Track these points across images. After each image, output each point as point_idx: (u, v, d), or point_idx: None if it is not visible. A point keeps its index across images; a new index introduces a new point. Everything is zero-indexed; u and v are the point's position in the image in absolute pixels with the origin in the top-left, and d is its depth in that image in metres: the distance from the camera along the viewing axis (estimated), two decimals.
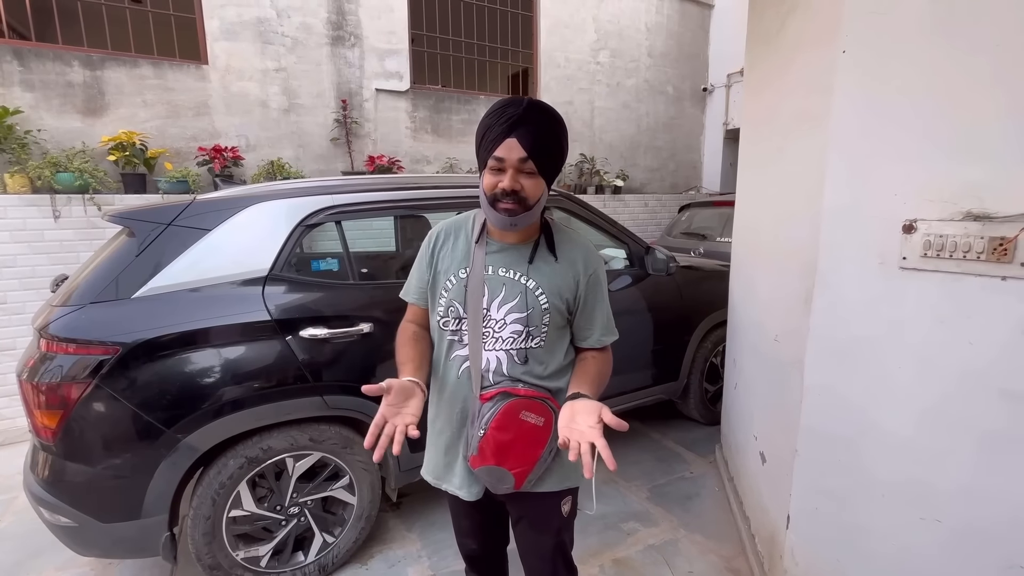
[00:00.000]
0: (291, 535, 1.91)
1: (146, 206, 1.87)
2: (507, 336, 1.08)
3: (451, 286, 1.12)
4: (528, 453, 1.08)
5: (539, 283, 1.09)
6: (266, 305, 1.79)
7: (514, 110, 0.98)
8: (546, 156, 1.01)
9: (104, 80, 3.80)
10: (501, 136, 0.98)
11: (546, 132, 1.00)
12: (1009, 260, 1.09)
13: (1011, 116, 1.08)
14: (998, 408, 1.15)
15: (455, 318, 1.11)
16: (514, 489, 1.10)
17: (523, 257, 1.11)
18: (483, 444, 1.06)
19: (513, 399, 1.07)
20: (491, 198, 1.02)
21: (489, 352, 1.10)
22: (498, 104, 1.01)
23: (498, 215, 1.03)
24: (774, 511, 1.78)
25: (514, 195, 1.00)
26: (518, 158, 0.98)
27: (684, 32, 6.95)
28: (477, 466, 1.09)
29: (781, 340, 1.79)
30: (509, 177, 0.99)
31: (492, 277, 1.10)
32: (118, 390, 1.58)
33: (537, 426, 1.08)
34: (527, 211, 1.03)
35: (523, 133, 0.97)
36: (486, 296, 1.09)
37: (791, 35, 1.79)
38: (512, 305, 1.08)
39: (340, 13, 4.59)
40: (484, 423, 1.06)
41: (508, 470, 1.07)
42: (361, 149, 4.76)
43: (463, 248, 1.14)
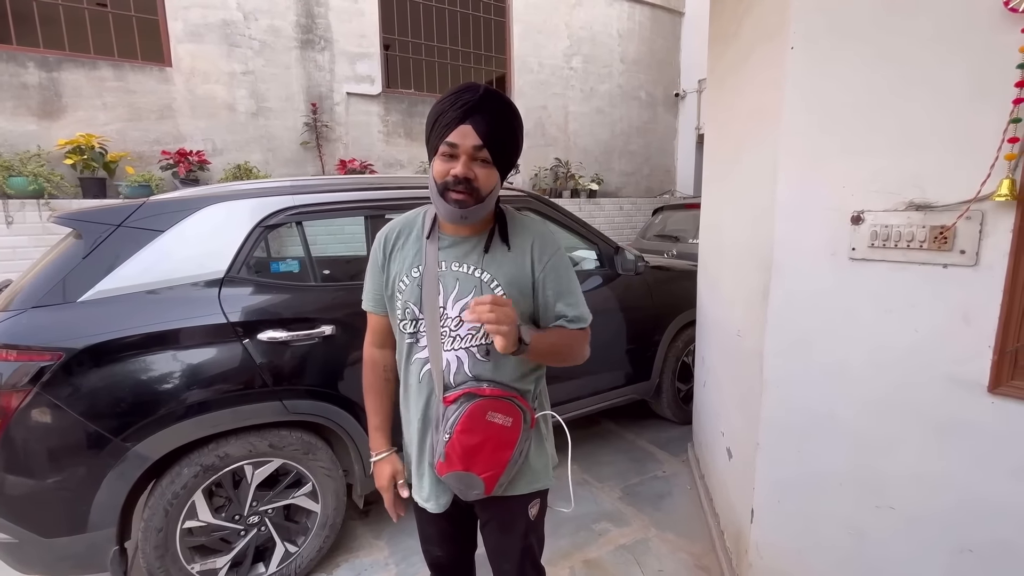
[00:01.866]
0: (251, 545, 1.84)
1: (95, 207, 1.81)
2: (464, 334, 1.04)
3: (404, 287, 1.07)
4: (497, 456, 1.03)
5: (493, 274, 1.04)
6: (222, 307, 1.74)
7: (470, 96, 0.93)
8: (501, 145, 0.97)
9: (61, 82, 3.68)
10: (455, 122, 0.93)
11: (502, 121, 0.97)
12: (949, 248, 1.12)
13: (946, 109, 1.11)
14: (944, 394, 1.18)
15: (412, 319, 1.07)
16: (484, 495, 1.06)
17: (476, 249, 1.06)
18: (449, 449, 1.01)
19: (478, 400, 1.02)
20: (441, 186, 0.97)
21: (448, 352, 1.05)
22: (452, 90, 0.96)
23: (448, 207, 0.97)
24: (740, 506, 1.79)
25: (466, 183, 0.95)
26: (472, 145, 0.94)
27: (656, 39, 7.08)
28: (444, 472, 1.04)
29: (743, 335, 1.81)
30: (462, 164, 0.94)
31: (445, 273, 1.05)
32: (61, 398, 1.51)
33: (505, 427, 1.03)
34: (479, 203, 0.98)
35: (478, 120, 0.93)
36: (441, 294, 1.04)
37: (746, 35, 1.82)
38: (467, 300, 1.02)
39: (309, 16, 4.55)
40: (449, 427, 1.01)
41: (477, 475, 1.03)
42: (332, 153, 4.71)
43: (414, 246, 1.09)
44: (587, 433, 3.16)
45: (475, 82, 0.99)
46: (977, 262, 1.09)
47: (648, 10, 6.94)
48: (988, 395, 1.11)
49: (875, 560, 1.36)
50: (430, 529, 1.26)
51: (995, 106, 1.03)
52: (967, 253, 1.10)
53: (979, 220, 1.08)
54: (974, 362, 1.12)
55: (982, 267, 1.09)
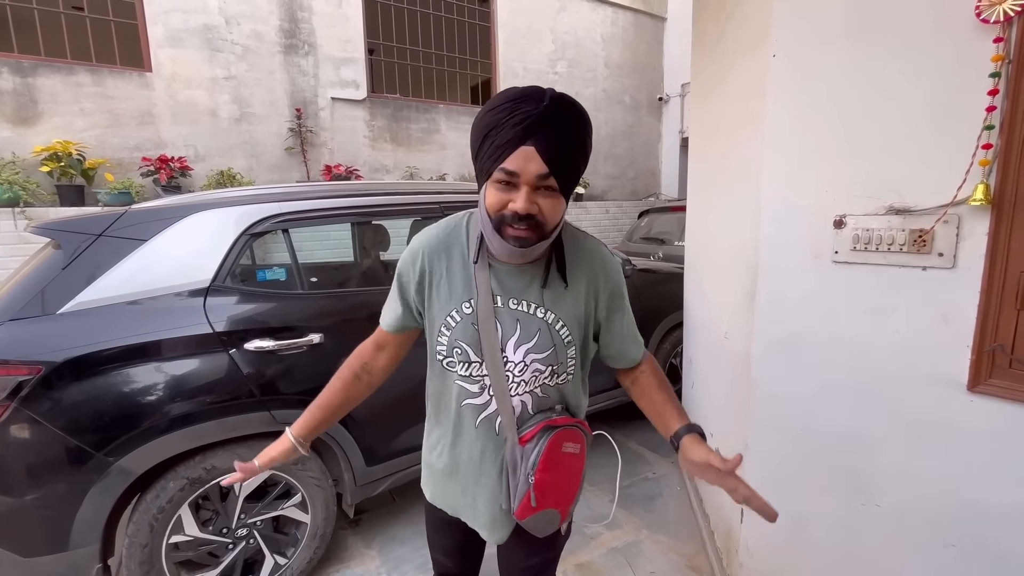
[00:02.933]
0: (239, 559, 1.81)
1: (75, 216, 1.77)
2: (529, 378, 0.92)
3: (454, 324, 0.91)
4: (571, 486, 0.98)
5: (558, 314, 0.90)
6: (207, 317, 1.71)
7: (532, 108, 0.74)
8: (572, 169, 0.79)
9: (37, 87, 3.60)
10: (515, 141, 0.74)
11: (572, 138, 0.78)
12: (928, 251, 1.15)
13: (923, 115, 1.14)
14: (924, 393, 1.21)
15: (463, 362, 0.92)
16: (559, 523, 0.99)
17: (535, 283, 0.90)
18: (536, 491, 0.91)
19: (555, 432, 0.92)
20: (497, 220, 0.80)
21: (513, 398, 0.93)
22: (508, 96, 0.77)
23: (506, 244, 0.81)
24: (730, 506, 1.81)
25: (529, 219, 0.78)
26: (536, 174, 0.75)
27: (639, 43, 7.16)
28: (527, 516, 0.93)
29: (730, 337, 1.84)
30: (524, 197, 0.76)
31: (503, 310, 0.89)
32: (41, 412, 1.47)
33: (575, 455, 0.96)
34: (542, 239, 0.81)
35: (543, 139, 0.74)
36: (500, 334, 0.90)
37: (730, 42, 1.85)
38: (531, 345, 0.90)
39: (293, 21, 4.51)
40: (531, 467, 0.90)
41: (555, 509, 0.96)
42: (317, 158, 4.68)
43: (460, 274, 0.91)
44: None
45: (538, 87, 0.78)
46: (955, 264, 1.12)
47: (631, 15, 7.03)
48: (967, 393, 1.14)
49: (863, 557, 1.38)
50: (445, 540, 1.18)
51: (969, 113, 1.06)
52: (945, 256, 1.13)
53: (956, 224, 1.11)
54: (953, 361, 1.15)
55: (959, 269, 1.12)
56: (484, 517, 1.01)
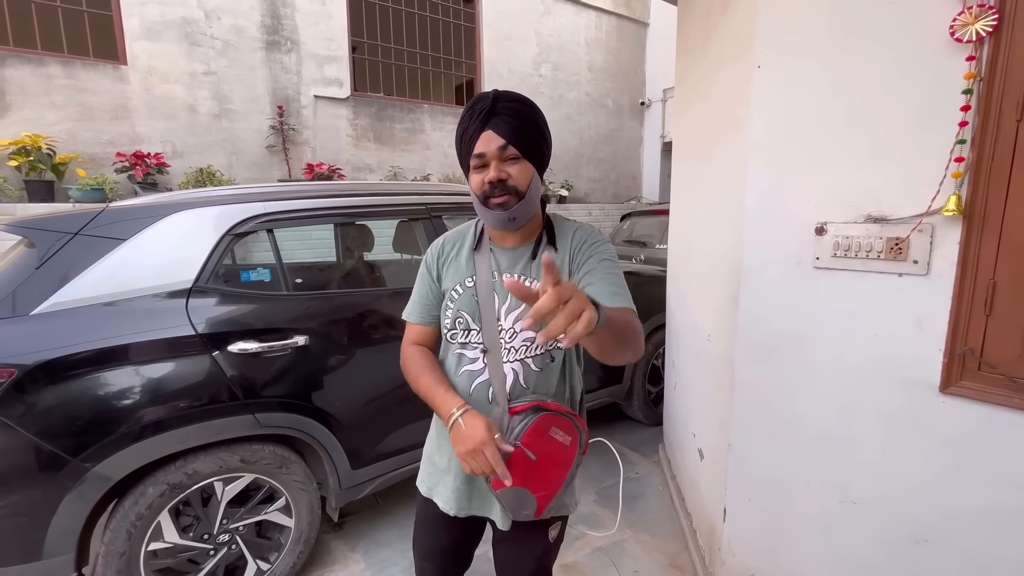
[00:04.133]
0: (221, 565, 1.78)
1: (50, 214, 1.71)
2: (519, 345, 1.02)
3: (457, 296, 1.06)
4: (554, 475, 1.00)
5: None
6: (190, 319, 1.67)
7: (483, 104, 0.95)
8: (526, 137, 0.97)
9: (5, 79, 3.47)
10: (477, 132, 0.95)
11: (520, 116, 0.96)
12: (904, 258, 1.20)
13: (900, 128, 1.19)
14: (899, 395, 1.26)
15: (464, 329, 1.05)
16: (534, 516, 1.01)
17: (526, 257, 1.05)
18: (512, 461, 0.96)
19: (545, 413, 0.99)
20: (482, 197, 0.97)
21: (505, 364, 1.02)
22: (467, 105, 0.99)
23: (493, 212, 0.97)
24: (712, 505, 1.85)
25: (502, 184, 0.95)
26: (497, 147, 0.94)
27: (622, 48, 7.25)
28: (501, 487, 0.98)
29: (713, 339, 1.88)
30: (493, 168, 0.95)
31: (498, 284, 1.03)
32: (13, 417, 1.42)
33: (564, 445, 1.00)
34: (521, 200, 0.96)
35: (497, 122, 0.94)
36: (496, 304, 1.02)
37: (714, 51, 1.90)
38: (519, 311, 1.01)
39: (275, 17, 4.44)
40: (514, 437, 0.97)
41: (532, 493, 0.98)
42: (299, 157, 4.61)
43: (466, 258, 1.08)
44: None
45: (485, 91, 0.99)
46: (928, 271, 1.17)
47: (614, 20, 7.11)
48: (939, 395, 1.20)
49: (842, 553, 1.43)
50: (432, 541, 1.21)
51: (943, 127, 1.11)
52: (919, 263, 1.18)
53: (930, 232, 1.16)
54: (927, 364, 1.21)
55: (933, 276, 1.17)
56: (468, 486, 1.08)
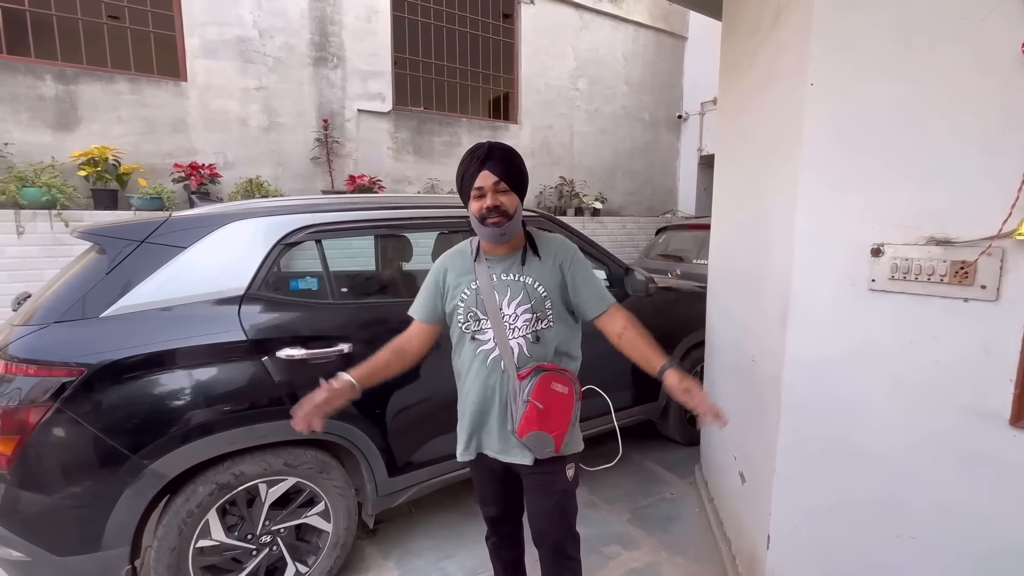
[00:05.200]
0: (262, 565, 1.83)
1: (118, 222, 1.83)
2: (521, 325, 1.34)
3: (466, 296, 1.38)
4: (562, 418, 1.32)
5: (535, 278, 1.36)
6: (242, 325, 1.75)
7: (480, 152, 1.29)
8: (513, 177, 1.32)
9: (77, 95, 3.73)
10: (476, 171, 1.29)
11: (508, 161, 1.32)
12: (970, 283, 1.14)
13: (966, 147, 1.15)
14: (965, 426, 1.19)
15: (474, 319, 1.37)
16: (554, 452, 1.33)
17: (516, 262, 1.39)
18: (528, 412, 1.28)
19: (544, 372, 1.31)
20: (480, 218, 1.30)
21: (511, 341, 1.34)
22: (467, 152, 1.33)
23: (488, 229, 1.31)
24: (754, 531, 1.79)
25: (496, 210, 1.28)
26: (492, 182, 1.28)
27: (659, 62, 7.22)
28: (525, 433, 1.29)
29: (758, 360, 1.83)
30: (490, 197, 1.29)
31: (498, 283, 1.37)
32: (81, 414, 1.51)
33: (564, 394, 1.32)
34: (509, 220, 1.31)
35: (492, 165, 1.28)
36: (497, 298, 1.34)
37: (761, 67, 1.87)
38: (519, 299, 1.35)
39: (323, 35, 4.63)
40: (526, 395, 1.29)
41: (549, 434, 1.29)
42: (342, 169, 4.76)
43: (466, 267, 1.41)
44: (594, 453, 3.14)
45: (480, 141, 1.36)
46: (998, 297, 1.11)
47: (652, 34, 7.09)
48: (1009, 428, 1.13)
49: None
50: (487, 491, 1.55)
51: (1015, 147, 1.06)
52: (988, 288, 1.12)
53: (1000, 256, 1.10)
54: (995, 395, 1.14)
55: (1003, 302, 1.11)
56: (495, 438, 1.39)
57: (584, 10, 6.37)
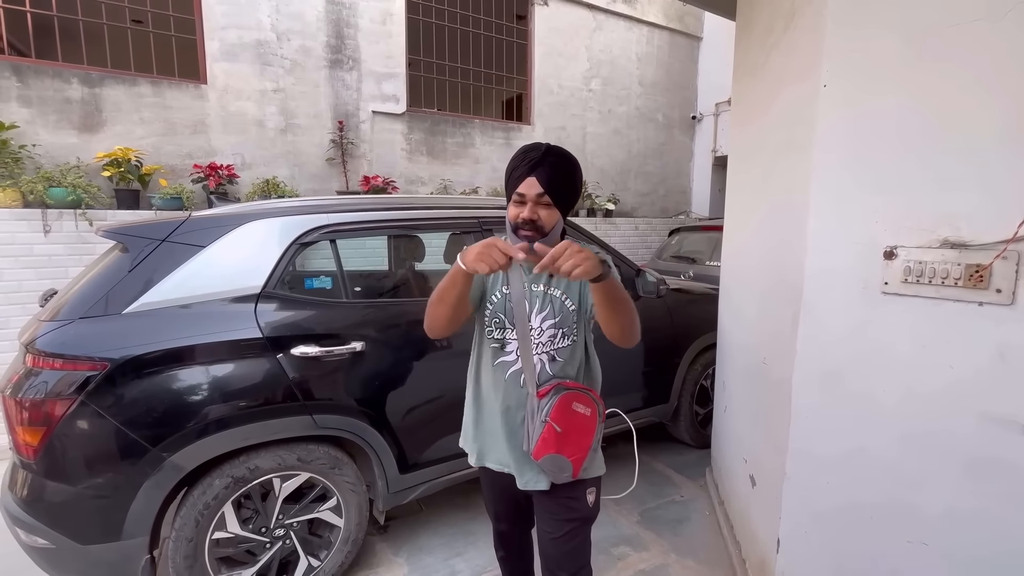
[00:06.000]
0: (275, 558, 1.86)
1: (141, 222, 1.88)
2: (545, 340, 1.26)
3: (495, 300, 1.29)
4: (582, 441, 1.21)
5: (563, 290, 1.27)
6: (258, 322, 1.79)
7: (535, 154, 1.16)
8: (560, 192, 1.18)
9: (102, 97, 3.83)
10: (523, 175, 1.15)
11: (561, 173, 1.17)
12: (985, 287, 1.13)
13: (982, 150, 1.13)
14: (979, 431, 1.18)
15: (499, 327, 1.28)
16: (572, 477, 1.22)
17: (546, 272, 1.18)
18: (546, 433, 1.18)
19: (566, 391, 1.21)
20: (514, 226, 1.20)
21: (534, 356, 1.25)
22: (522, 148, 1.20)
23: (519, 240, 1.18)
24: (764, 535, 1.78)
25: (531, 224, 1.17)
26: (536, 193, 1.15)
27: (674, 62, 7.17)
28: (540, 456, 1.19)
29: (769, 363, 1.82)
30: (528, 208, 1.16)
31: (528, 292, 1.26)
32: (104, 407, 1.56)
33: (586, 416, 1.22)
34: (544, 236, 1.18)
35: (541, 173, 1.14)
36: (527, 308, 1.25)
37: (775, 68, 1.86)
38: (546, 314, 1.26)
39: (339, 37, 4.69)
40: (544, 415, 1.19)
41: (567, 458, 1.19)
42: (356, 169, 4.81)
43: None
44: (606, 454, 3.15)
45: (539, 142, 1.21)
46: (1014, 301, 1.10)
47: (667, 34, 7.04)
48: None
49: None
50: (498, 507, 1.48)
51: None
52: (1003, 292, 1.11)
53: (1016, 260, 1.09)
54: (1011, 400, 1.13)
55: (1019, 306, 1.10)
56: (509, 458, 1.29)
57: (598, 11, 6.36)
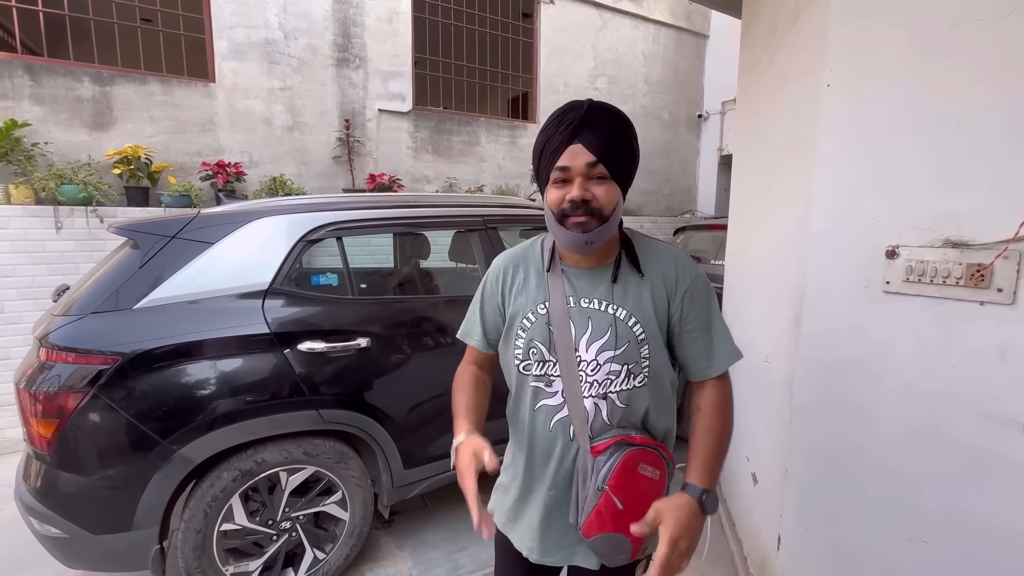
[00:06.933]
0: (282, 550, 1.90)
1: (151, 218, 1.91)
2: (603, 379, 0.93)
3: (529, 324, 0.96)
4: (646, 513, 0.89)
5: (630, 310, 0.93)
6: (265, 318, 1.81)
7: (574, 115, 0.86)
8: (617, 157, 0.88)
9: (113, 96, 3.87)
10: (564, 144, 0.86)
11: (614, 131, 0.88)
12: (986, 286, 1.14)
13: (985, 149, 1.14)
14: (980, 430, 1.18)
15: (538, 361, 0.95)
16: (629, 559, 0.93)
17: (604, 280, 0.95)
18: (601, 506, 0.89)
19: (630, 449, 0.90)
20: (559, 215, 0.89)
21: (586, 399, 0.93)
22: (555, 113, 0.90)
23: (570, 233, 0.88)
24: (765, 533, 1.79)
25: (585, 205, 0.86)
26: (586, 163, 0.85)
27: (680, 61, 7.15)
28: (594, 534, 0.91)
29: (771, 361, 1.82)
30: (578, 186, 0.86)
31: (575, 310, 0.94)
32: (115, 400, 1.59)
33: (653, 480, 0.92)
34: (603, 223, 0.88)
35: (588, 136, 0.85)
36: (573, 334, 0.93)
37: (779, 67, 1.86)
38: (603, 342, 0.92)
39: (346, 36, 4.72)
40: (601, 480, 0.89)
41: (627, 537, 0.89)
42: (362, 167, 4.84)
43: (536, 281, 0.99)
44: None
45: (578, 100, 0.90)
46: (1015, 300, 1.10)
47: (673, 32, 7.02)
48: None
49: None
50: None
51: None
52: (1004, 291, 1.11)
53: (1017, 260, 1.09)
54: (1011, 399, 1.13)
55: (1020, 306, 1.10)
56: (541, 531, 0.99)
57: (604, 9, 6.35)
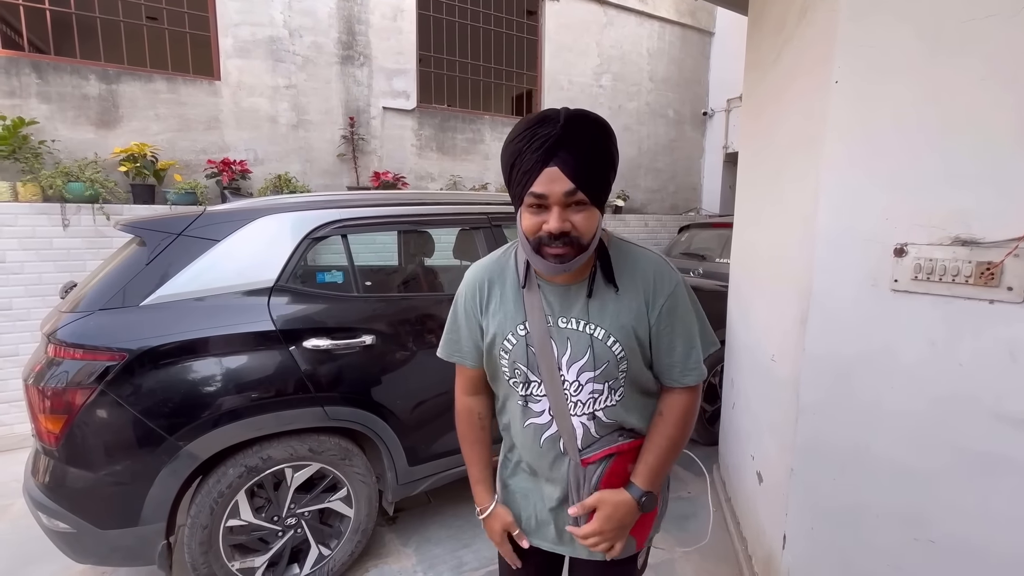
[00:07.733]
0: (287, 546, 1.91)
1: (157, 216, 1.92)
2: (587, 399, 0.92)
3: (511, 346, 0.94)
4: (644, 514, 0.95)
5: (608, 328, 0.89)
6: (271, 315, 1.82)
7: (549, 130, 0.76)
8: (597, 178, 0.80)
9: (119, 94, 3.89)
10: (539, 165, 0.77)
11: (594, 151, 0.79)
12: (996, 284, 1.13)
13: (995, 147, 1.12)
14: (988, 429, 1.17)
15: (523, 381, 0.95)
16: (636, 550, 0.99)
17: (580, 297, 0.90)
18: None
19: (617, 456, 0.93)
20: (535, 243, 0.82)
21: (573, 418, 0.93)
22: (527, 123, 0.79)
23: (546, 263, 0.83)
24: (770, 531, 1.78)
25: (564, 236, 0.80)
26: (563, 191, 0.77)
27: (685, 58, 7.11)
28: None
29: (778, 360, 1.82)
30: (556, 216, 0.78)
31: (554, 329, 0.91)
32: (123, 396, 1.60)
33: None
34: (581, 252, 0.82)
35: (565, 158, 0.76)
36: (555, 352, 0.91)
37: (787, 64, 1.85)
38: (582, 364, 0.90)
39: (351, 33, 4.72)
40: (593, 487, 0.92)
41: (631, 535, 0.95)
42: (367, 165, 4.85)
43: (513, 298, 0.95)
44: None
45: (553, 109, 0.80)
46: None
47: (678, 30, 6.99)
48: None
49: None
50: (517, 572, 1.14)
51: None
52: (1015, 290, 1.10)
53: None
54: (1020, 399, 1.12)
55: None
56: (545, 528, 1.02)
57: (609, 6, 6.32)
